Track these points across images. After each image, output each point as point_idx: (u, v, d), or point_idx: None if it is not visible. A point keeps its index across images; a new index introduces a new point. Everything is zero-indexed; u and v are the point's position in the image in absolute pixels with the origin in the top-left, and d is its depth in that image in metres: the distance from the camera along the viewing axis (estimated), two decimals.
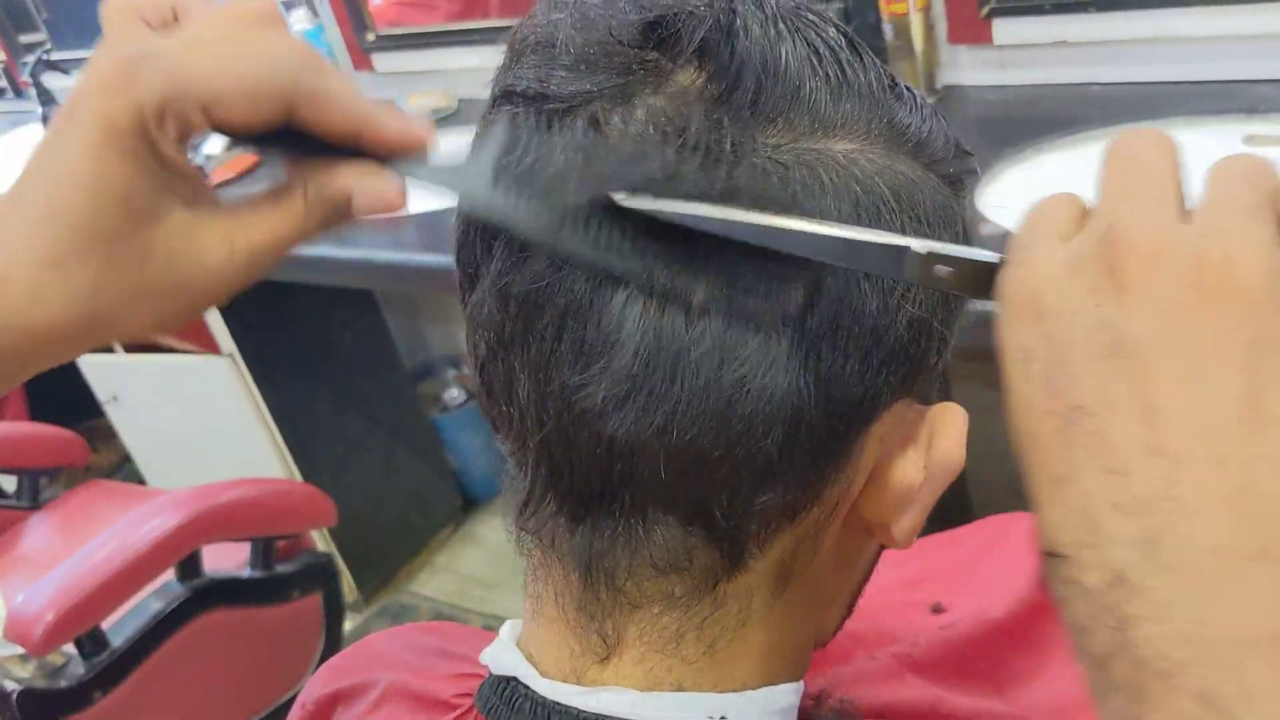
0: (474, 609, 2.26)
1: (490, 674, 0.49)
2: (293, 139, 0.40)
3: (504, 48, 0.44)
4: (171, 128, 0.37)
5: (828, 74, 0.40)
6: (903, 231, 0.39)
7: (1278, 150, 1.29)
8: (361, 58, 2.20)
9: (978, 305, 0.43)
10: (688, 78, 0.39)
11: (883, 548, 0.49)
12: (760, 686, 0.45)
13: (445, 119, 2.08)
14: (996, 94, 1.50)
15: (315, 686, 0.60)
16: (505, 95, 0.42)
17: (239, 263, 0.41)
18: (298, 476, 2.09)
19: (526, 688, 0.46)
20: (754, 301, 0.38)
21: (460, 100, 2.11)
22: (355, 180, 0.41)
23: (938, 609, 0.85)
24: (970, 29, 1.47)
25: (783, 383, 0.38)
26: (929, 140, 0.42)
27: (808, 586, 0.45)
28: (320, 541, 2.14)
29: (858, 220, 0.38)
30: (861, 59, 0.42)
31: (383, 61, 2.18)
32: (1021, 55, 1.47)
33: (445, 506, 2.51)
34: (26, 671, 1.29)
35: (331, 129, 0.40)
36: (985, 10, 1.44)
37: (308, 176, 0.41)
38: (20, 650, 1.27)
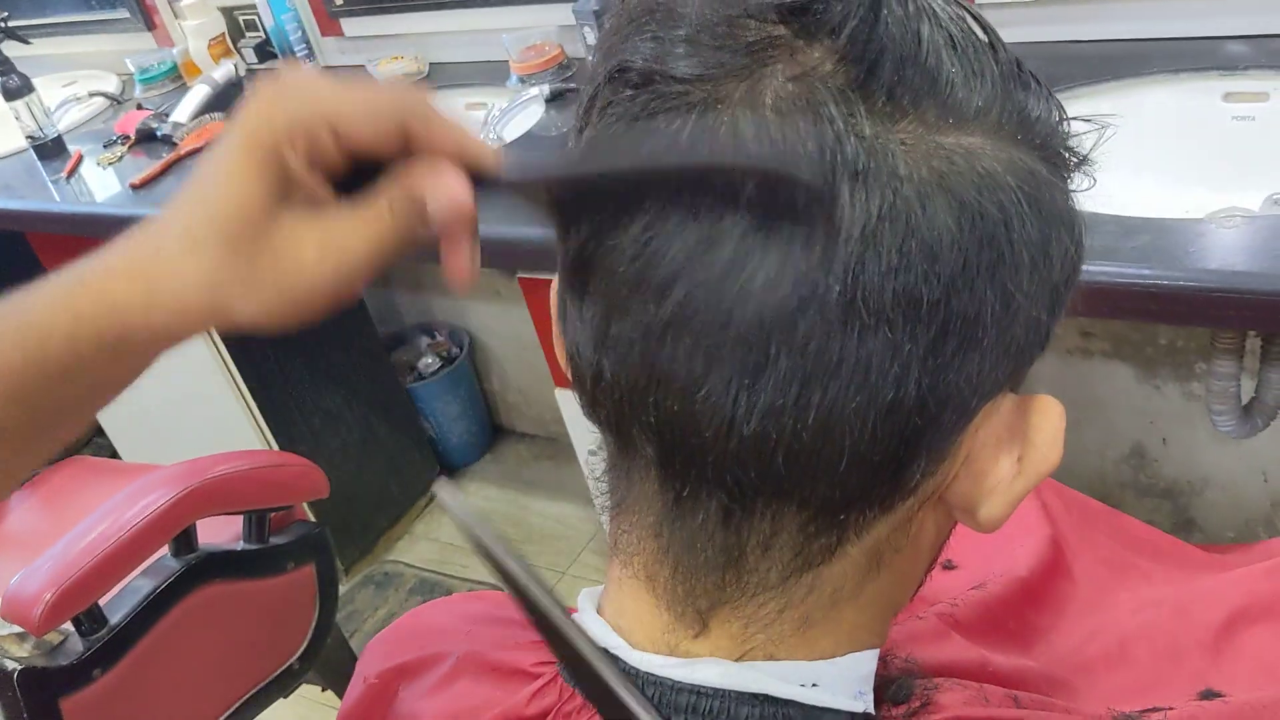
0: (457, 575, 2.27)
1: None
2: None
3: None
4: (301, 146, 0.43)
5: (962, 62, 0.39)
6: (1022, 224, 0.38)
7: (1256, 106, 1.32)
8: (329, 23, 2.17)
9: None
10: (819, 60, 0.37)
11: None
12: (846, 654, 0.46)
13: (414, 84, 2.05)
14: None
15: (375, 660, 0.60)
16: (620, 72, 0.40)
17: (329, 265, 0.44)
18: (275, 449, 2.08)
19: (617, 659, 0.46)
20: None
21: (431, 64, 2.09)
22: (429, 181, 0.43)
23: (948, 566, 0.87)
24: None
25: (904, 384, 0.37)
26: (1055, 133, 0.41)
27: (897, 568, 0.46)
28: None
29: (971, 229, 0.37)
30: (992, 43, 0.41)
31: (351, 26, 2.15)
32: (1001, 14, 1.47)
33: (423, 475, 2.51)
34: (24, 650, 1.28)
35: (435, 148, 0.44)
36: None
37: (392, 185, 0.44)
38: (17, 629, 1.26)
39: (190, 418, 2.16)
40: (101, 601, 1.31)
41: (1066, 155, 0.42)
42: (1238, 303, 0.97)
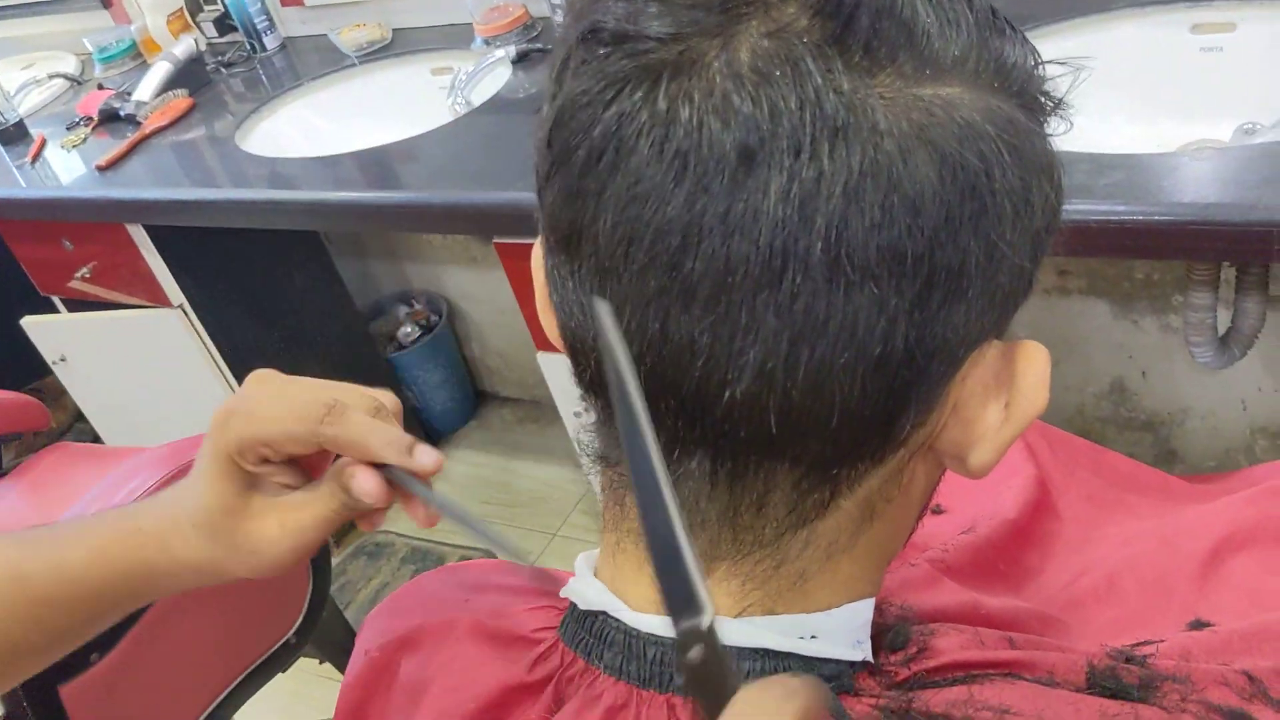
0: (449, 543, 2.27)
1: (574, 608, 0.50)
2: None
3: None
4: (250, 457, 0.56)
5: (937, 12, 0.39)
6: (1003, 173, 0.38)
7: (1224, 37, 1.32)
8: None
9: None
10: (794, 16, 0.37)
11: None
12: (843, 605, 0.46)
13: (378, 51, 2.03)
14: None
15: (375, 633, 0.61)
16: (592, 33, 0.39)
17: (287, 536, 0.57)
18: None
19: (617, 621, 0.47)
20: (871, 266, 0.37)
21: (393, 30, 2.06)
22: (350, 481, 0.56)
23: (937, 510, 0.87)
24: None
25: (891, 339, 0.38)
26: (1031, 78, 0.41)
27: (889, 518, 0.46)
28: None
29: (953, 180, 0.37)
30: None
31: None
32: None
33: None
34: None
35: (350, 454, 0.56)
36: None
37: (327, 476, 0.58)
38: None
39: (170, 398, 2.15)
40: None
41: (1043, 100, 0.42)
42: (1212, 234, 0.97)
